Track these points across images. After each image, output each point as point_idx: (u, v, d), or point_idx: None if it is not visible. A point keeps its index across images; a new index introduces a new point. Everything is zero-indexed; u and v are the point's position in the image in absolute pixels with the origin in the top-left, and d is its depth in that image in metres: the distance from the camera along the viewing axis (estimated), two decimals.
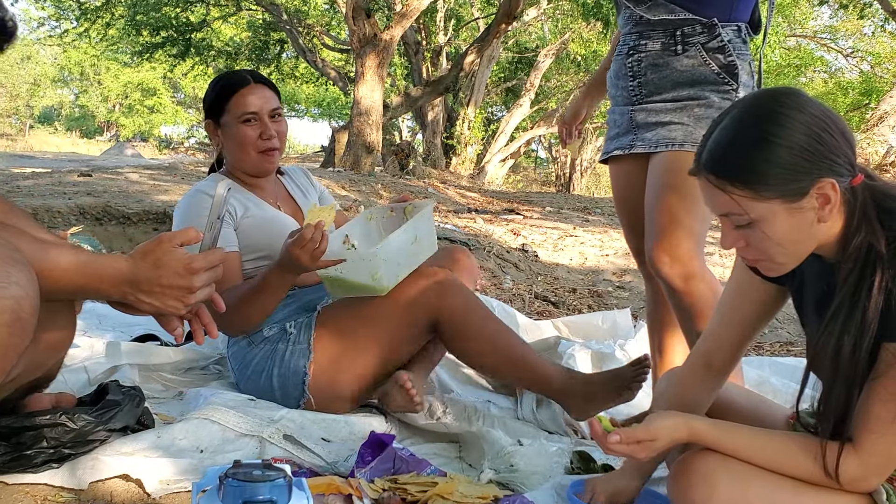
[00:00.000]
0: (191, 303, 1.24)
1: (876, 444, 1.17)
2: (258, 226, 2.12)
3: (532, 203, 9.86)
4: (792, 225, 1.20)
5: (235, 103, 2.12)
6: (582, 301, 4.65)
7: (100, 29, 14.54)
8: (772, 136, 1.17)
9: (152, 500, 1.51)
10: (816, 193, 1.17)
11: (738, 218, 1.22)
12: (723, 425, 1.32)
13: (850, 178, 1.20)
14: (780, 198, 1.18)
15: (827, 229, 1.22)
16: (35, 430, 1.49)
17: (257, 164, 2.17)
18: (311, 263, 1.87)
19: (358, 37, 9.90)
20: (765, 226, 1.20)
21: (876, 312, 1.15)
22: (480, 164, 15.59)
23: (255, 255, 2.12)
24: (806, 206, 1.18)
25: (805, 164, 1.16)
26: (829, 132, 1.17)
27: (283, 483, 1.00)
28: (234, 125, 2.13)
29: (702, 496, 1.27)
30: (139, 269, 1.21)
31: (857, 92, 17.00)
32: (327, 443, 1.86)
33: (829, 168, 1.17)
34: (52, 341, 1.47)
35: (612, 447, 1.32)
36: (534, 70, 15.46)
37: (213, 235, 1.30)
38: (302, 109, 28.14)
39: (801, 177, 1.17)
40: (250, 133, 2.12)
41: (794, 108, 1.18)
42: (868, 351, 1.16)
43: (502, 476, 1.74)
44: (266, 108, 2.14)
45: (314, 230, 1.84)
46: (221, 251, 1.27)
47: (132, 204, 5.17)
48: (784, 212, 1.19)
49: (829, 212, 1.19)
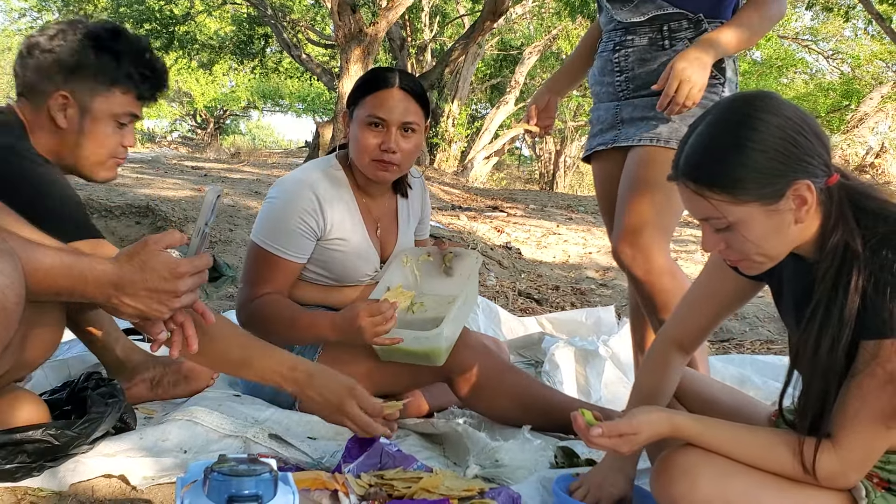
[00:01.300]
0: (175, 307, 1.24)
1: (854, 440, 1.19)
2: (339, 258, 2.04)
3: (516, 200, 9.87)
4: (770, 227, 1.22)
5: (369, 102, 1.99)
6: (565, 298, 4.67)
7: None
8: (747, 140, 1.19)
9: (136, 493, 1.50)
10: (793, 195, 1.20)
11: (717, 222, 1.24)
12: (705, 421, 1.33)
13: (825, 179, 1.22)
14: (757, 201, 1.20)
15: (804, 229, 1.24)
16: (15, 446, 1.45)
17: (369, 170, 2.02)
18: (371, 339, 1.85)
19: (343, 32, 9.87)
20: (743, 229, 1.22)
21: (853, 311, 1.17)
22: (465, 161, 15.57)
23: (320, 273, 2.08)
24: (783, 207, 1.20)
25: (780, 166, 1.19)
26: (802, 134, 1.20)
27: (268, 477, 1.00)
28: (358, 124, 2.01)
29: (683, 492, 1.28)
30: (124, 271, 1.20)
31: (837, 94, 17.15)
32: (313, 440, 1.86)
33: (804, 170, 1.19)
34: (40, 340, 1.46)
35: (595, 440, 1.33)
36: (519, 67, 15.47)
37: (200, 240, 1.29)
38: (286, 104, 27.98)
39: (776, 180, 1.19)
40: (370, 139, 1.98)
41: (768, 112, 1.20)
42: (845, 349, 1.18)
43: (487, 471, 1.75)
44: (398, 118, 1.97)
45: (389, 307, 1.83)
46: (208, 256, 1.27)
47: (115, 197, 5.12)
48: (762, 214, 1.21)
49: (806, 213, 1.21)
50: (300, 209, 1.99)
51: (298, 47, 13.31)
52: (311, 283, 2.11)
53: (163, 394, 2.00)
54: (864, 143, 13.40)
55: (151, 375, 2.00)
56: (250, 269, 2.04)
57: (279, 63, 18.09)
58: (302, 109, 27.55)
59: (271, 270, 2.00)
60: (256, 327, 2.02)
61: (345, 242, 2.05)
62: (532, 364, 2.85)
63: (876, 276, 1.15)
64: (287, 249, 2.00)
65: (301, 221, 1.99)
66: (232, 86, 26.36)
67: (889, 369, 1.14)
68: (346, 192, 2.08)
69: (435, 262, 2.19)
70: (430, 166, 14.37)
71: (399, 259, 2.14)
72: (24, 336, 1.41)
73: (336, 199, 2.04)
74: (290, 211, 1.99)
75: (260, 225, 2.04)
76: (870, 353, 1.16)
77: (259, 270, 2.02)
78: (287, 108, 28.59)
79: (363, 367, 2.00)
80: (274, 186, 2.08)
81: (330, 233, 2.03)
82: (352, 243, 2.06)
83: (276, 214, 2.01)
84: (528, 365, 2.84)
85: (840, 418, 1.20)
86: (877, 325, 1.15)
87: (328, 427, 1.95)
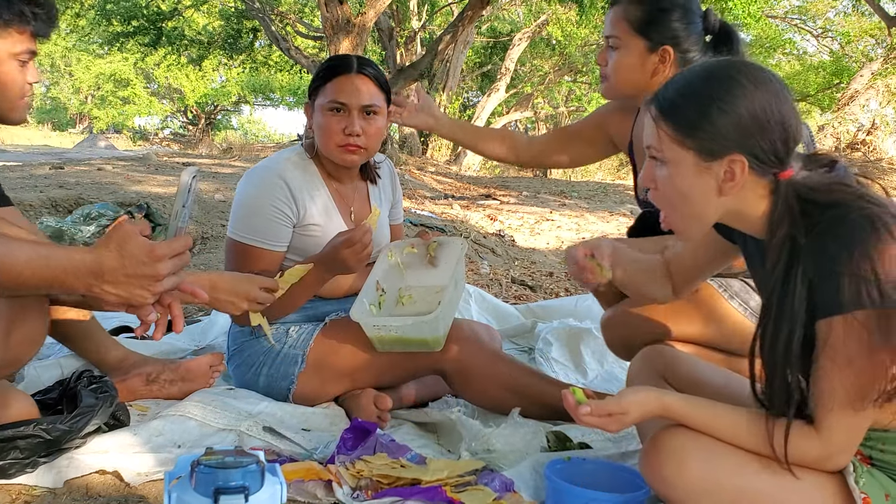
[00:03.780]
0: (158, 291, 1.23)
1: (832, 423, 1.19)
2: (316, 243, 2.03)
3: (509, 188, 9.87)
4: (695, 183, 1.26)
5: (329, 89, 2.00)
6: (559, 284, 4.67)
7: (69, 19, 14.31)
8: (716, 94, 1.24)
9: (130, 489, 1.51)
10: (727, 165, 1.23)
11: (656, 152, 1.30)
12: (694, 401, 1.34)
13: (773, 170, 1.24)
14: (695, 151, 1.25)
15: (732, 205, 1.27)
16: (8, 442, 1.46)
17: (335, 155, 2.03)
18: (357, 266, 1.90)
19: (331, 23, 9.82)
20: (674, 170, 1.28)
21: (802, 301, 1.19)
22: (457, 150, 15.55)
23: (300, 260, 2.07)
24: (713, 170, 1.25)
25: (731, 133, 1.22)
26: (769, 118, 1.22)
27: (255, 469, 1.00)
28: (320, 111, 2.01)
29: (672, 472, 1.29)
30: (103, 258, 1.19)
31: (827, 72, 17.12)
32: (307, 432, 1.87)
33: (750, 149, 1.22)
34: (24, 338, 1.46)
35: (584, 419, 1.35)
36: (508, 54, 15.43)
37: (178, 222, 1.29)
38: (277, 98, 27.89)
39: (720, 142, 1.23)
40: (333, 124, 1.99)
41: (749, 82, 1.23)
42: (800, 340, 1.20)
43: (480, 458, 1.76)
44: (358, 101, 1.99)
45: (364, 233, 1.84)
46: (187, 238, 1.26)
47: (105, 195, 5.11)
48: (693, 166, 1.26)
49: (731, 189, 1.25)
50: (272, 197, 1.98)
51: (287, 40, 13.25)
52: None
53: (158, 391, 2.00)
54: (856, 121, 13.41)
55: (148, 371, 2.01)
56: (231, 265, 2.03)
57: (268, 57, 18.01)
58: (293, 103, 27.48)
59: (253, 263, 1.99)
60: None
61: (320, 228, 2.05)
62: (525, 351, 2.86)
63: (817, 262, 1.17)
64: (266, 239, 1.99)
65: (275, 209, 1.98)
66: (222, 81, 26.28)
67: (846, 347, 1.14)
68: (317, 180, 2.08)
69: (419, 254, 2.19)
70: (422, 156, 14.35)
71: (384, 253, 2.14)
72: (7, 333, 1.41)
73: (306, 186, 2.04)
74: (263, 200, 1.98)
75: (234, 219, 2.03)
76: (824, 334, 1.17)
77: (241, 265, 2.00)
78: (278, 101, 28.53)
79: (359, 360, 2.01)
80: (242, 179, 2.07)
81: (304, 219, 2.03)
82: (327, 229, 2.05)
83: (249, 206, 2.00)
84: (521, 352, 2.85)
85: (815, 403, 1.21)
86: (826, 304, 1.16)
87: (322, 418, 1.96)
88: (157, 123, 33.20)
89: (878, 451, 1.27)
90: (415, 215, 6.29)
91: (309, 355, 2.02)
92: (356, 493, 1.50)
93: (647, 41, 1.96)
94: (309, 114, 2.08)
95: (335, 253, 1.88)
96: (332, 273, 1.95)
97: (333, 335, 2.04)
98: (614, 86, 2.05)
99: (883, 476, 1.25)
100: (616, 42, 1.99)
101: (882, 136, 12.88)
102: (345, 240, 1.86)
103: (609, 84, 2.06)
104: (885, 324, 1.12)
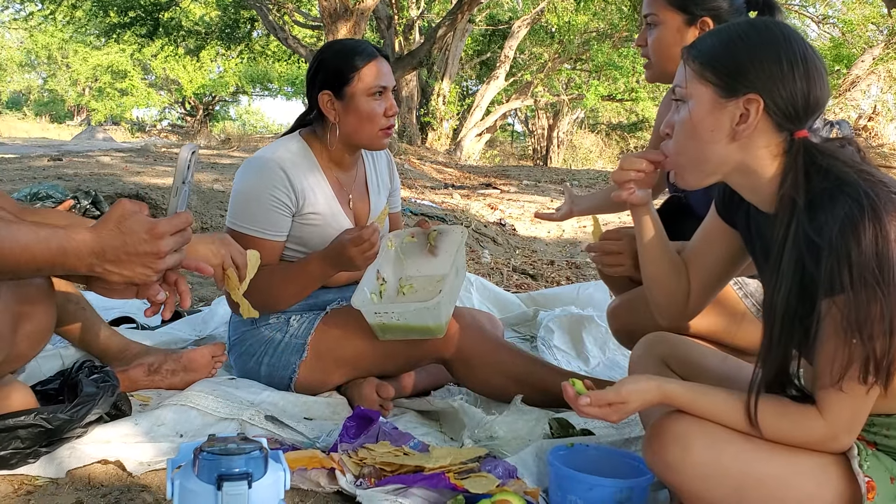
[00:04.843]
0: (160, 269, 1.21)
1: (836, 403, 1.18)
2: (316, 232, 2.03)
3: (509, 177, 9.86)
4: (709, 121, 1.26)
5: (367, 75, 1.99)
6: (560, 273, 4.67)
7: (66, 10, 14.26)
8: (746, 36, 1.24)
9: (132, 479, 1.50)
10: (743, 103, 1.22)
11: (680, 90, 1.30)
12: (694, 387, 1.33)
13: (790, 128, 1.23)
14: (714, 85, 1.25)
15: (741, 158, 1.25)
16: (9, 432, 1.46)
17: (375, 141, 2.05)
18: (364, 264, 1.90)
19: (328, 11, 9.79)
20: (692, 107, 1.27)
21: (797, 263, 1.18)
22: (457, 139, 15.53)
23: (300, 250, 2.07)
24: (728, 109, 1.24)
25: (752, 73, 1.22)
26: (794, 69, 1.21)
27: (258, 455, 0.99)
28: (361, 97, 1.99)
29: (676, 458, 1.28)
30: (103, 238, 1.18)
31: (828, 58, 17.06)
32: (309, 421, 1.87)
33: (769, 92, 1.21)
34: (31, 333, 1.45)
35: (584, 410, 1.34)
36: (508, 42, 15.37)
37: (178, 200, 1.27)
38: (275, 88, 27.81)
39: (740, 79, 1.23)
40: (377, 108, 2.00)
41: (784, 36, 1.23)
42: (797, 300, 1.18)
43: (483, 445, 1.76)
44: (391, 83, 2.04)
45: (373, 233, 1.84)
46: (187, 215, 1.24)
47: (104, 187, 5.10)
48: (710, 102, 1.25)
49: (743, 132, 1.23)
50: (270, 186, 1.97)
51: (284, 30, 13.21)
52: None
53: (160, 381, 2.00)
54: (857, 107, 13.37)
55: (150, 361, 2.00)
56: None
57: (266, 47, 17.95)
58: (291, 93, 27.41)
59: None
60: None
61: (319, 217, 2.04)
62: (527, 339, 2.86)
63: (810, 238, 1.16)
64: (265, 229, 1.98)
65: (273, 198, 1.97)
66: (220, 71, 26.17)
67: (840, 327, 1.13)
68: (315, 167, 2.07)
69: (419, 243, 2.19)
70: (422, 145, 14.32)
71: (384, 242, 2.14)
72: (13, 329, 1.40)
73: (304, 174, 2.03)
74: (261, 190, 1.97)
75: (232, 210, 2.01)
76: (826, 311, 1.15)
77: None
78: (276, 91, 28.46)
79: (361, 348, 2.01)
80: (240, 169, 2.05)
81: (303, 208, 2.02)
82: (326, 217, 2.05)
83: (247, 196, 1.99)
84: (523, 340, 2.85)
85: (818, 383, 1.20)
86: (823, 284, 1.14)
87: (324, 407, 1.96)
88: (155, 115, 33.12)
89: (882, 436, 1.26)
90: (415, 205, 6.28)
91: (310, 344, 2.01)
92: (359, 480, 1.50)
93: (685, 15, 1.90)
94: (329, 107, 2.02)
95: (342, 250, 1.87)
96: (337, 269, 1.95)
97: (335, 324, 2.03)
98: (656, 66, 1.99)
99: (888, 459, 1.25)
100: (654, 19, 1.94)
101: (883, 122, 12.84)
102: (353, 238, 1.85)
103: (651, 65, 2.00)
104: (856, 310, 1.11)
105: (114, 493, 1.45)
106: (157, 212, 4.76)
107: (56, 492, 1.44)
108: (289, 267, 2.00)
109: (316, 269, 1.95)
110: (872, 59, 13.57)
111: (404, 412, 2.05)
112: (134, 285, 1.24)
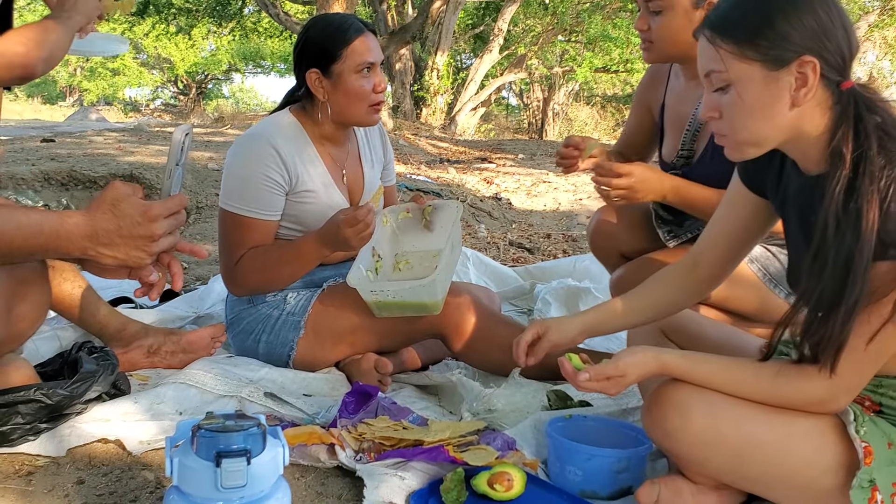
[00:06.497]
0: (154, 251, 1.20)
1: (852, 360, 1.17)
2: (310, 209, 2.03)
3: (505, 151, 9.82)
4: (765, 96, 1.18)
5: (354, 51, 1.97)
6: (557, 246, 4.67)
7: None
8: (773, 1, 1.17)
9: (132, 458, 1.51)
10: (797, 70, 1.16)
11: (718, 76, 1.21)
12: (692, 356, 1.33)
13: (838, 78, 1.18)
14: (760, 61, 1.17)
15: (799, 122, 1.19)
16: (9, 407, 1.46)
17: (365, 118, 2.04)
18: (359, 245, 1.88)
19: None
20: (740, 88, 1.19)
21: (871, 223, 1.10)
22: (451, 113, 15.43)
23: (295, 228, 2.06)
24: (783, 78, 1.17)
25: (796, 35, 1.15)
26: (832, 19, 1.16)
27: (257, 431, 1.00)
28: (349, 75, 1.97)
29: (675, 426, 1.29)
30: (97, 221, 1.17)
31: None
32: (308, 397, 1.88)
33: (819, 50, 1.15)
34: (27, 313, 1.45)
35: (583, 385, 1.34)
36: (501, 14, 15.23)
37: (172, 182, 1.25)
38: (268, 65, 27.58)
39: (787, 45, 1.15)
40: (366, 85, 1.99)
41: None
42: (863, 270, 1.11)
43: (481, 418, 1.76)
44: (379, 58, 2.01)
45: (367, 213, 1.82)
46: (181, 197, 1.23)
47: (98, 167, 5.07)
48: (761, 79, 1.18)
49: (804, 96, 1.16)
50: (263, 165, 1.96)
51: (276, 6, 13.06)
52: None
53: (159, 362, 2.00)
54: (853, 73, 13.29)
55: (150, 343, 2.00)
56: (226, 236, 2.01)
57: (258, 23, 17.76)
58: (284, 70, 27.17)
59: (248, 233, 1.98)
60: (250, 286, 2.02)
61: (313, 194, 2.03)
62: (525, 312, 2.86)
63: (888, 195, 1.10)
64: (259, 209, 1.97)
65: (266, 178, 1.96)
66: (212, 49, 25.92)
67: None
68: (307, 144, 2.05)
69: (415, 218, 2.18)
70: (417, 120, 14.24)
71: (379, 218, 2.13)
72: (9, 309, 1.40)
73: (296, 151, 2.01)
74: (253, 169, 1.96)
75: (225, 190, 2.00)
76: (880, 277, 1.11)
77: (235, 236, 1.99)
78: (269, 69, 28.21)
79: (358, 324, 2.01)
80: (231, 148, 2.04)
81: (297, 186, 2.01)
82: (320, 194, 2.04)
83: (239, 175, 1.98)
84: (520, 314, 2.85)
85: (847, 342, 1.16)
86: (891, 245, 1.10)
87: (323, 383, 1.96)
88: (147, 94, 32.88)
89: (888, 397, 1.26)
90: (410, 180, 6.25)
91: (308, 321, 2.01)
92: (359, 455, 1.51)
93: None
94: (317, 85, 2.00)
95: (337, 230, 1.86)
96: (332, 250, 1.94)
97: (332, 301, 2.03)
98: (660, 50, 1.98)
99: (886, 424, 1.25)
100: (658, 6, 1.92)
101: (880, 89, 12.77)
102: (347, 218, 1.84)
103: (653, 48, 1.98)
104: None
105: (115, 471, 1.45)
106: (152, 192, 4.75)
107: (57, 471, 1.45)
108: (284, 247, 1.99)
109: (311, 250, 1.94)
110: (868, 26, 13.48)
111: (403, 387, 2.06)
112: (127, 267, 1.24)
